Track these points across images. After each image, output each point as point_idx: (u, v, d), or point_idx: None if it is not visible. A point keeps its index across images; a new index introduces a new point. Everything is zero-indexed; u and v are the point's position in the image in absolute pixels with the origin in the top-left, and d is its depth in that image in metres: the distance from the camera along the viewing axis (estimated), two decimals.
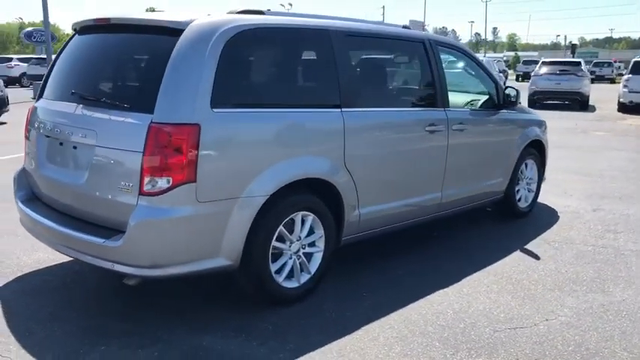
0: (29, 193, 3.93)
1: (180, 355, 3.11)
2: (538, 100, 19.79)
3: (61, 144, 3.56)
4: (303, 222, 3.72)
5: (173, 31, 3.26)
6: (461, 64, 5.37)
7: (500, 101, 5.27)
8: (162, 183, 3.06)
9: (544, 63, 20.91)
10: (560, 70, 19.64)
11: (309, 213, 3.71)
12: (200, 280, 3.92)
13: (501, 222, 5.78)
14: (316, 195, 3.76)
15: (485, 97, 5.33)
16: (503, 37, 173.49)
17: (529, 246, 5.02)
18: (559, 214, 6.11)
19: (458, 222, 5.67)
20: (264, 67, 3.63)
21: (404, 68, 4.90)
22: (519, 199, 5.88)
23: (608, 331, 3.46)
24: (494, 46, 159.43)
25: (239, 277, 3.55)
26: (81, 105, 3.47)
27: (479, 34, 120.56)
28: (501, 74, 24.05)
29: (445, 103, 4.65)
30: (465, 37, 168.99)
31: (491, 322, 3.54)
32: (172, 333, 3.33)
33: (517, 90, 5.24)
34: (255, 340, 3.27)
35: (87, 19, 3.79)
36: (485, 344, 3.27)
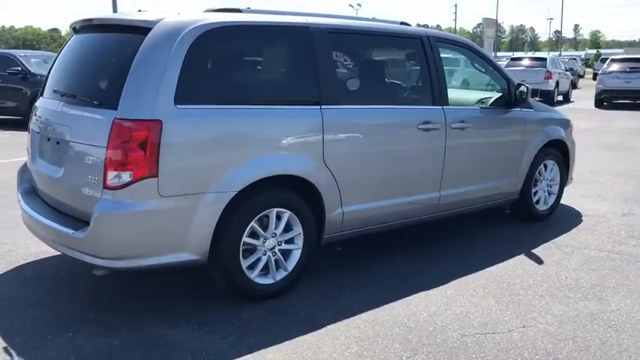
0: (30, 187, 4.14)
1: (138, 344, 3.19)
2: (606, 99, 18.88)
3: (48, 140, 3.73)
4: (279, 218, 3.72)
5: (142, 29, 3.35)
6: (468, 62, 5.20)
7: (512, 99, 5.07)
8: (124, 177, 3.15)
9: (613, 60, 19.89)
10: (631, 68, 18.63)
11: (284, 210, 3.71)
12: (182, 274, 4.00)
13: (517, 224, 5.57)
14: (293, 192, 3.75)
15: (495, 95, 5.15)
16: (585, 34, 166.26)
17: (537, 249, 4.82)
18: (583, 217, 5.82)
19: (469, 223, 5.52)
20: (235, 64, 3.66)
21: (395, 65, 4.80)
22: (537, 202, 5.64)
23: (587, 341, 3.28)
24: (575, 44, 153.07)
25: (210, 272, 3.60)
26: (62, 102, 3.63)
27: (559, 32, 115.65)
28: (567, 73, 22.97)
29: (444, 101, 4.52)
30: (543, 35, 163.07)
31: (463, 327, 3.43)
32: (141, 323, 3.43)
33: (527, 87, 5.03)
34: (218, 334, 3.32)
35: (79, 19, 3.96)
36: (448, 348, 3.17)
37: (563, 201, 6.25)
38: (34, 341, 3.22)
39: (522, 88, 4.99)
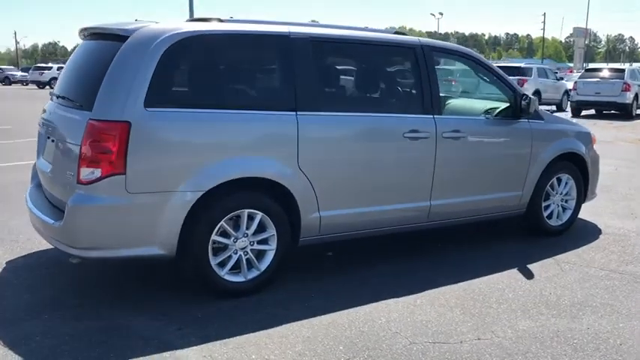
0: (38, 182, 4.50)
1: (102, 329, 3.42)
2: None
3: (48, 138, 4.07)
4: (251, 219, 3.87)
5: (122, 37, 3.61)
6: (468, 72, 5.14)
7: (518, 110, 4.98)
8: (95, 173, 3.41)
9: None
10: None
11: (256, 211, 3.85)
12: (163, 268, 4.21)
13: (525, 238, 5.43)
14: (266, 194, 3.89)
15: (503, 105, 5.06)
16: None
17: (534, 265, 4.69)
18: (602, 234, 5.58)
19: (475, 233, 5.47)
20: (207, 71, 3.83)
21: (381, 74, 4.80)
22: (550, 216, 5.46)
23: (538, 357, 3.20)
24: None
25: (180, 267, 3.80)
26: (57, 104, 3.96)
27: None
28: None
29: (435, 110, 4.52)
30: None
31: (416, 335, 3.43)
32: (111, 311, 3.67)
33: (530, 98, 4.90)
34: (176, 325, 3.50)
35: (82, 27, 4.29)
36: (390, 354, 3.20)
37: (588, 217, 6.05)
38: (12, 320, 3.52)
39: (528, 98, 4.88)
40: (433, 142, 4.48)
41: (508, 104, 4.99)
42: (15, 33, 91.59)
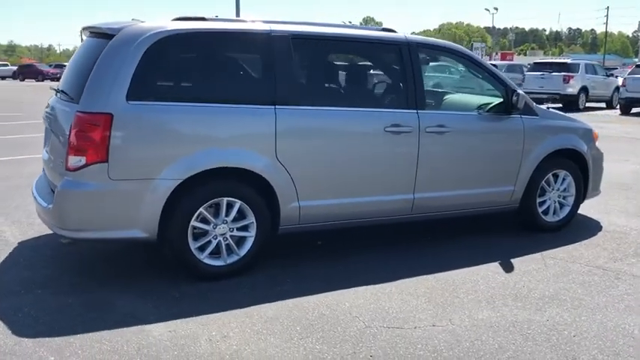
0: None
1: (86, 303, 3.73)
2: None
3: (51, 130, 4.42)
4: (230, 207, 4.10)
5: (110, 36, 3.90)
6: (459, 68, 5.21)
7: (509, 105, 5.02)
8: (80, 161, 3.72)
9: None
10: None
11: (235, 199, 4.08)
12: (154, 252, 4.48)
13: (518, 233, 5.45)
14: (245, 184, 4.11)
15: (497, 100, 5.11)
16: None
17: (519, 259, 4.74)
18: (602, 232, 5.55)
19: (470, 227, 5.55)
20: (188, 66, 4.08)
21: (362, 69, 4.92)
22: (545, 212, 5.47)
23: (485, 344, 3.30)
24: None
25: (162, 250, 4.08)
26: (57, 99, 4.29)
27: None
28: None
29: (419, 105, 4.63)
30: None
31: (374, 320, 3.58)
32: (99, 288, 3.99)
33: (519, 94, 4.93)
34: (153, 303, 3.77)
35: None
36: (340, 335, 3.37)
37: (594, 214, 6.06)
38: (8, 293, 3.88)
39: (517, 94, 4.91)
40: (416, 136, 4.59)
41: (501, 100, 5.03)
42: None
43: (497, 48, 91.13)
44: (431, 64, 7.13)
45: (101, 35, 4.05)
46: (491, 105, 5.09)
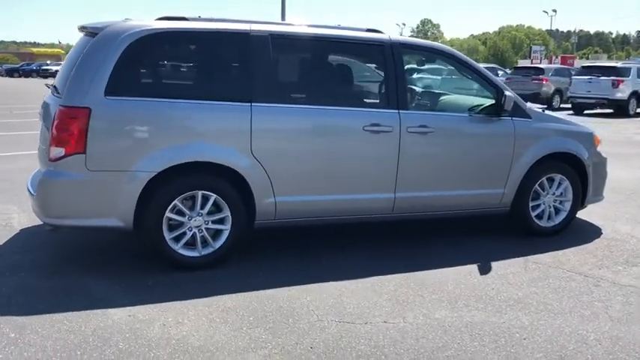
0: None
1: (63, 287, 3.95)
2: None
3: (44, 125, 4.67)
4: (206, 200, 4.25)
5: (94, 34, 4.12)
6: (445, 69, 5.19)
7: (499, 108, 4.98)
8: (60, 152, 3.95)
9: None
10: None
11: (210, 193, 4.23)
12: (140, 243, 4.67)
13: (510, 237, 5.37)
14: (220, 178, 4.25)
15: (484, 102, 5.08)
16: None
17: (501, 262, 4.70)
18: (599, 238, 5.43)
19: (462, 229, 5.56)
20: (166, 64, 4.25)
21: (342, 69, 4.95)
22: (540, 217, 5.39)
23: (429, 341, 3.33)
24: None
25: (139, 239, 4.27)
26: (50, 95, 4.54)
27: None
28: None
29: (401, 105, 4.66)
30: None
31: (328, 314, 3.65)
32: (80, 274, 4.20)
33: (505, 96, 4.87)
34: (124, 290, 3.95)
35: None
36: (289, 326, 3.46)
37: (598, 220, 5.96)
38: None
39: (504, 95, 4.86)
40: (397, 136, 4.62)
41: (493, 102, 4.99)
42: None
43: (559, 51, 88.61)
44: (431, 65, 7.07)
45: (89, 34, 4.27)
46: (482, 107, 5.05)
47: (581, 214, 6.01)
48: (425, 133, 4.72)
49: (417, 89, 5.73)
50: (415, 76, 6.12)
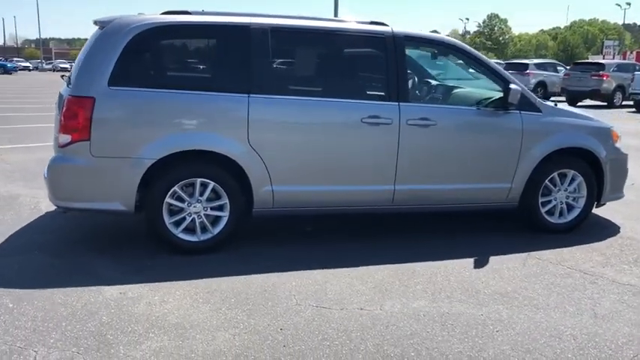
0: None
1: (66, 264, 4.23)
2: None
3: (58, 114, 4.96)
4: (205, 187, 4.43)
5: (103, 27, 4.37)
6: (451, 62, 5.16)
7: (506, 101, 4.92)
8: (67, 139, 4.22)
9: None
10: None
11: (208, 180, 4.41)
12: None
13: (519, 232, 5.29)
14: (219, 166, 4.42)
15: (491, 95, 5.04)
16: None
17: (500, 257, 4.66)
18: (613, 237, 5.28)
19: (474, 222, 5.56)
20: (168, 56, 4.44)
21: (342, 62, 4.96)
22: (550, 213, 5.29)
23: (399, 329, 3.38)
24: None
25: (144, 223, 4.50)
26: (64, 86, 4.83)
27: None
28: None
29: (401, 97, 4.69)
30: None
31: (308, 299, 3.75)
32: (84, 253, 4.48)
33: (510, 89, 4.79)
34: (124, 268, 4.19)
35: None
36: (267, 309, 3.59)
37: (620, 219, 5.81)
38: (11, 254, 4.47)
39: (509, 88, 4.80)
40: (396, 128, 4.65)
41: (501, 95, 4.94)
42: None
43: (636, 46, 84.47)
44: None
45: (100, 28, 4.52)
46: (491, 100, 5.01)
47: (603, 212, 5.88)
48: (426, 126, 4.73)
49: (428, 82, 5.71)
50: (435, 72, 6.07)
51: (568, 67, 24.38)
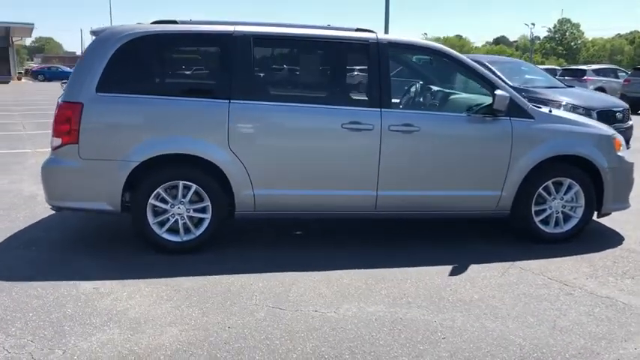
0: None
1: (55, 260, 4.50)
2: None
3: None
4: (188, 190, 4.61)
5: (96, 36, 4.64)
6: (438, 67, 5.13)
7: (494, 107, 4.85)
8: (58, 142, 4.50)
9: None
10: None
11: (191, 183, 4.59)
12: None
13: (508, 242, 5.20)
14: (201, 170, 4.59)
15: (480, 102, 4.99)
16: None
17: (483, 265, 4.60)
18: (612, 249, 5.10)
19: (471, 231, 5.52)
20: (152, 63, 4.63)
21: (323, 68, 5.01)
22: (546, 222, 5.16)
23: (344, 331, 3.42)
24: None
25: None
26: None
27: None
28: None
29: (384, 103, 4.71)
30: None
31: (267, 299, 3.85)
32: (78, 249, 4.74)
33: (497, 95, 4.72)
34: (106, 266, 4.41)
35: None
36: (223, 307, 3.71)
37: (630, 230, 5.57)
38: (11, 248, 4.79)
39: (496, 95, 4.73)
40: (378, 134, 4.68)
41: (480, 102, 4.89)
42: None
43: None
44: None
45: (94, 36, 4.80)
46: (481, 106, 4.96)
47: (612, 223, 5.70)
48: (410, 132, 4.73)
49: (425, 88, 5.68)
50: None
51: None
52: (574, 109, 9.02)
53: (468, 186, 4.92)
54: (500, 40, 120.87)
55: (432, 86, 5.61)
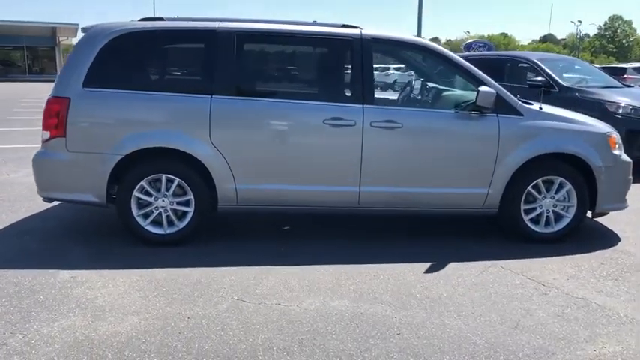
0: None
1: (44, 249, 4.65)
2: None
3: None
4: (171, 183, 4.71)
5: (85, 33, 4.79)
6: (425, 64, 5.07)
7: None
8: (47, 135, 4.66)
9: None
10: None
11: (173, 177, 4.68)
12: None
13: (495, 240, 5.11)
14: (184, 164, 4.68)
15: (468, 99, 4.93)
16: None
17: (464, 263, 4.55)
18: (602, 250, 4.97)
19: (463, 229, 5.46)
20: (137, 59, 4.72)
21: (305, 64, 5.00)
22: (536, 221, 5.06)
23: (300, 324, 3.44)
24: None
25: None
26: None
27: None
28: None
29: (367, 99, 4.71)
30: None
31: (234, 292, 3.90)
32: (68, 240, 4.90)
33: (480, 91, 4.64)
34: (91, 257, 4.53)
35: None
36: (189, 298, 3.77)
37: (630, 231, 5.46)
38: (7, 237, 4.98)
39: (479, 91, 4.67)
40: (359, 130, 4.68)
41: (466, 98, 4.83)
42: None
43: None
44: None
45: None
46: (468, 103, 4.90)
47: (613, 224, 5.57)
48: (392, 129, 4.71)
49: (406, 85, 5.64)
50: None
51: None
52: (635, 110, 8.34)
53: (453, 183, 4.86)
54: (547, 38, 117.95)
55: (423, 83, 5.56)
